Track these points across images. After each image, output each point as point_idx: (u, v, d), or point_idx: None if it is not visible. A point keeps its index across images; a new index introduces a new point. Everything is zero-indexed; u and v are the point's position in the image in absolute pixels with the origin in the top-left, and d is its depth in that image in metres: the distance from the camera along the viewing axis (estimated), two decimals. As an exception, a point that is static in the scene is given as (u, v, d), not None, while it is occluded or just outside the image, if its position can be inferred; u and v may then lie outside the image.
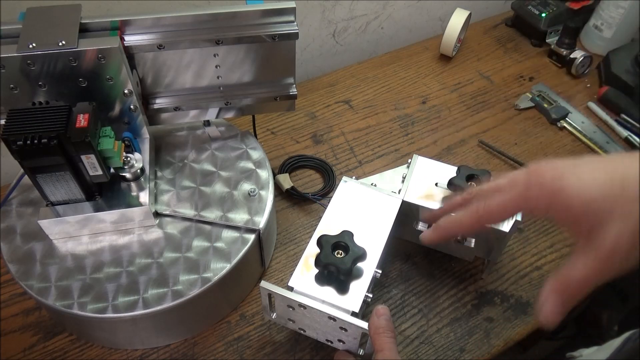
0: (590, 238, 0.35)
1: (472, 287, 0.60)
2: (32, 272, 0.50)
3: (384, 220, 0.53)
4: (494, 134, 0.78)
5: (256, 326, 0.57)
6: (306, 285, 0.48)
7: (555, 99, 0.81)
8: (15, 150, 0.43)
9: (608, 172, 0.35)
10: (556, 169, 0.37)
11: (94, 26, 0.49)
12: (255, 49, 0.54)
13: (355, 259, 0.47)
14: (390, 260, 0.62)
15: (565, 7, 0.90)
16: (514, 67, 0.88)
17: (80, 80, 0.49)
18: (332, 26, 0.88)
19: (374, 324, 0.44)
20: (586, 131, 0.77)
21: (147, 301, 0.49)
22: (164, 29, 0.51)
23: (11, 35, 0.47)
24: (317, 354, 0.54)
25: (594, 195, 0.35)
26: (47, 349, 0.54)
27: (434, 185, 0.56)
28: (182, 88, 0.56)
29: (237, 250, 0.53)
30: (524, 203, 0.39)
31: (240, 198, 0.56)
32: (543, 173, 0.37)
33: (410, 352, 0.55)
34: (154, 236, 0.53)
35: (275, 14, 0.52)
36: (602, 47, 0.89)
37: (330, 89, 0.84)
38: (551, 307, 0.35)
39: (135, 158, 0.53)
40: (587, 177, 0.35)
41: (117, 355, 0.54)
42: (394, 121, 0.79)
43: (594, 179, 0.35)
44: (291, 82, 0.59)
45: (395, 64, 0.88)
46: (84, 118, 0.46)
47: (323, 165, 0.71)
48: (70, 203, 0.51)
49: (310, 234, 0.53)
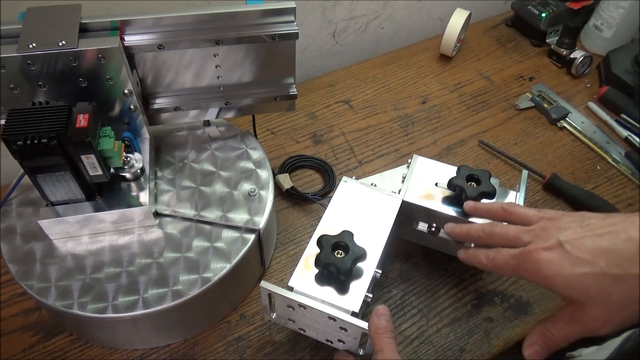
0: (574, 309, 0.41)
1: (472, 287, 0.60)
2: (32, 272, 0.50)
3: (384, 220, 0.53)
4: (494, 134, 0.78)
5: (256, 326, 0.57)
6: (306, 285, 0.48)
7: (555, 99, 0.81)
8: (15, 150, 0.43)
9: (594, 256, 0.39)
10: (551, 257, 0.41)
11: (94, 26, 0.49)
12: (255, 49, 0.54)
13: (355, 259, 0.47)
14: (390, 260, 0.62)
15: (565, 7, 0.90)
16: (514, 67, 0.88)
17: (80, 80, 0.49)
18: (332, 26, 0.88)
19: (374, 324, 0.44)
20: (586, 131, 0.77)
21: (147, 301, 0.49)
22: (164, 29, 0.51)
23: (11, 35, 0.47)
24: (317, 354, 0.54)
25: (578, 282, 0.40)
26: (47, 349, 0.54)
27: (434, 185, 0.56)
28: (182, 88, 0.56)
29: (237, 250, 0.53)
30: (516, 271, 0.44)
31: (240, 198, 0.56)
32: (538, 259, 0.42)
33: (410, 352, 0.55)
34: (154, 236, 0.53)
35: (275, 14, 0.52)
36: (602, 47, 0.89)
37: (330, 89, 0.84)
38: (534, 352, 0.44)
39: (135, 158, 0.53)
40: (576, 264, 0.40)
41: (117, 355, 0.54)
42: (394, 121, 0.79)
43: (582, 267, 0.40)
44: (291, 82, 0.59)
45: (395, 64, 0.88)
46: (84, 118, 0.46)
47: (323, 165, 0.71)
48: (70, 203, 0.51)
49: (310, 234, 0.53)
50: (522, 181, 0.55)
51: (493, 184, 0.53)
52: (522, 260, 0.43)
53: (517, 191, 0.55)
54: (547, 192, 0.70)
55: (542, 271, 0.41)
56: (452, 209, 0.54)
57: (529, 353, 0.44)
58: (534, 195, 0.69)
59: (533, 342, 0.44)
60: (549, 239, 0.42)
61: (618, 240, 0.39)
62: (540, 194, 0.70)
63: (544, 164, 0.73)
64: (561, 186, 0.68)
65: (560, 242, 0.41)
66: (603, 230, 0.40)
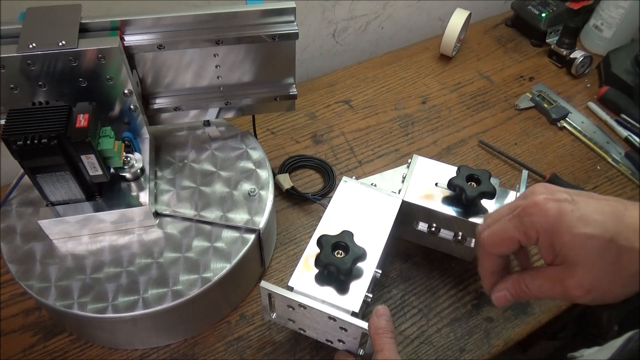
0: (562, 269, 0.39)
1: (472, 287, 0.60)
2: (32, 272, 0.50)
3: (384, 220, 0.53)
4: (494, 134, 0.78)
5: (256, 326, 0.57)
6: (306, 285, 0.48)
7: (555, 99, 0.81)
8: (15, 150, 0.43)
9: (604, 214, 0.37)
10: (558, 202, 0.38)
11: (94, 26, 0.49)
12: (255, 49, 0.54)
13: (355, 259, 0.47)
14: (390, 260, 0.62)
15: (565, 7, 0.90)
16: (514, 67, 0.88)
17: (80, 80, 0.49)
18: (332, 26, 0.88)
19: (374, 324, 0.44)
20: (586, 131, 0.77)
21: (147, 301, 0.49)
22: (164, 29, 0.51)
23: (11, 35, 0.47)
24: (317, 354, 0.54)
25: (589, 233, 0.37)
26: (47, 349, 0.54)
27: (434, 185, 0.56)
28: (182, 88, 0.56)
29: (237, 250, 0.53)
30: (521, 226, 0.40)
31: (240, 198, 0.56)
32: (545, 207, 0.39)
33: (410, 352, 0.55)
34: (154, 236, 0.53)
35: (275, 14, 0.52)
36: (602, 47, 0.89)
37: (330, 89, 0.84)
38: (503, 297, 0.43)
39: (135, 158, 0.53)
40: (586, 216, 0.37)
41: (117, 355, 0.54)
42: (394, 121, 0.79)
43: (590, 221, 0.37)
44: (291, 82, 0.59)
45: (395, 64, 0.88)
46: (84, 118, 0.46)
47: (323, 165, 0.71)
48: (70, 203, 0.51)
49: (310, 234, 0.53)
50: (522, 181, 0.55)
51: (493, 184, 0.53)
52: (525, 213, 0.39)
53: (517, 191, 0.55)
54: (547, 192, 0.70)
55: (550, 224, 0.38)
56: (452, 209, 0.54)
57: (497, 296, 0.43)
58: (534, 195, 0.69)
59: (505, 288, 0.43)
60: (555, 193, 0.39)
61: (626, 212, 0.37)
62: (540, 194, 0.70)
63: (544, 164, 0.73)
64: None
65: (569, 198, 0.38)
66: (607, 199, 0.39)
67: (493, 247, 0.42)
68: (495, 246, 0.42)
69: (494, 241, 0.42)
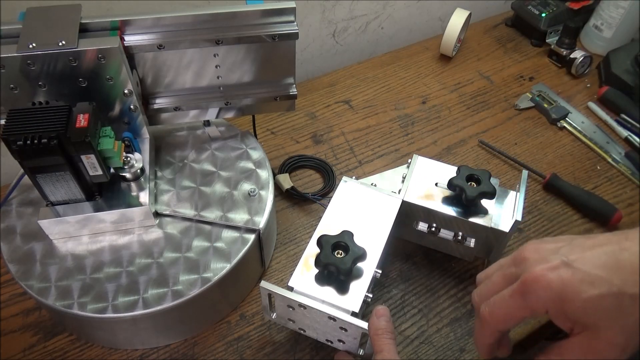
0: (587, 337, 0.36)
1: (472, 287, 0.60)
2: (32, 272, 0.50)
3: (384, 220, 0.53)
4: (494, 134, 0.78)
5: (256, 326, 0.57)
6: (306, 285, 0.48)
7: (555, 99, 0.81)
8: (15, 150, 0.43)
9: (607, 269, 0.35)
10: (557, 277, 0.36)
11: (94, 26, 0.49)
12: (255, 49, 0.54)
13: (355, 259, 0.47)
14: (390, 260, 0.62)
15: (565, 7, 0.90)
16: (514, 67, 0.88)
17: (80, 80, 0.49)
18: (332, 26, 0.88)
19: (374, 325, 0.44)
20: (586, 131, 0.77)
21: (147, 301, 0.49)
22: (164, 29, 0.51)
23: (11, 35, 0.47)
24: (317, 354, 0.54)
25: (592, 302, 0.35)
26: (47, 349, 0.54)
27: (434, 185, 0.56)
28: (182, 88, 0.56)
29: (237, 250, 0.53)
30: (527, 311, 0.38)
31: (240, 198, 0.56)
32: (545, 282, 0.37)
33: (410, 352, 0.55)
34: (154, 236, 0.53)
35: (275, 14, 0.52)
36: (602, 47, 0.89)
37: (330, 89, 0.84)
38: None
39: (135, 158, 0.53)
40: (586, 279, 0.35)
41: (117, 355, 0.54)
42: (394, 121, 0.79)
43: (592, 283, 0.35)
44: (291, 82, 0.59)
45: (395, 64, 0.88)
46: (84, 118, 0.46)
47: (323, 165, 0.71)
48: (70, 203, 0.51)
49: (310, 234, 0.53)
50: (522, 181, 0.55)
51: (493, 184, 0.53)
52: (527, 290, 0.37)
53: (517, 191, 0.55)
54: (547, 192, 0.70)
55: (556, 295, 0.36)
56: (452, 209, 0.54)
57: None
58: (534, 195, 0.69)
59: None
60: (548, 259, 0.37)
61: (622, 255, 0.35)
62: (540, 194, 0.70)
63: (544, 164, 0.73)
64: (561, 186, 0.68)
65: (565, 261, 0.36)
66: (598, 243, 0.37)
67: (498, 325, 0.40)
68: (501, 324, 0.40)
69: (498, 320, 0.40)
